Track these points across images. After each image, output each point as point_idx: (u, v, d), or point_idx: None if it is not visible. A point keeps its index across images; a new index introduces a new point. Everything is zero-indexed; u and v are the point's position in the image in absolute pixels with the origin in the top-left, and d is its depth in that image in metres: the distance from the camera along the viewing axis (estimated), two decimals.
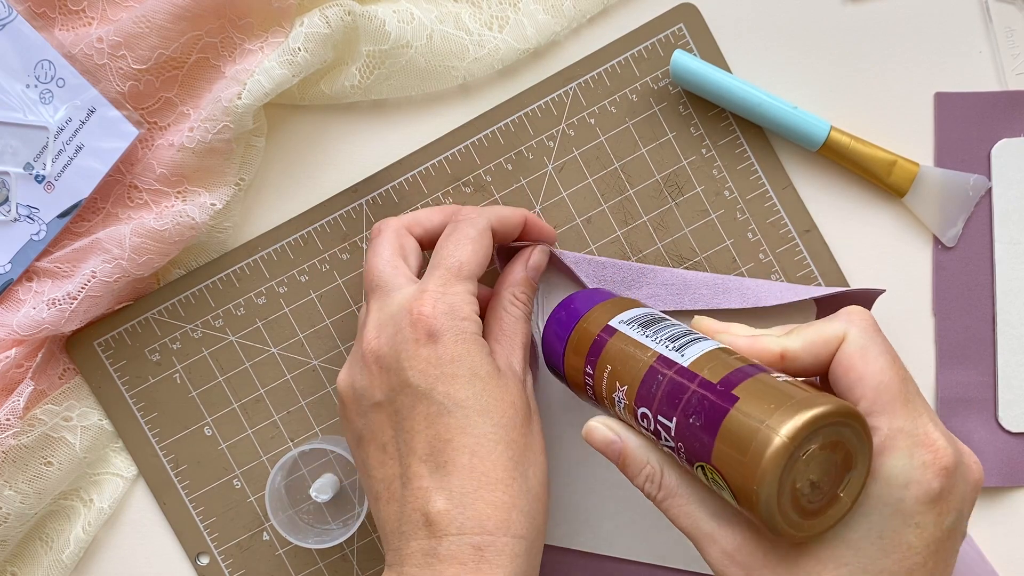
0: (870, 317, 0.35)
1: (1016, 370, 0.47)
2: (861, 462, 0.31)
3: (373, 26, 0.45)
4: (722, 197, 0.48)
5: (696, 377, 0.34)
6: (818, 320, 0.36)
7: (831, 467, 0.31)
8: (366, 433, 0.39)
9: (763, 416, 0.31)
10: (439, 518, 0.36)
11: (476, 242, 0.40)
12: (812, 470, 0.31)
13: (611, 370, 0.37)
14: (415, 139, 0.48)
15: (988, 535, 0.48)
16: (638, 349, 0.37)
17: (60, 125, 0.44)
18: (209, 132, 0.44)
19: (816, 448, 0.31)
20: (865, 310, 0.35)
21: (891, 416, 0.32)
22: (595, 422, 0.37)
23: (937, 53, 0.48)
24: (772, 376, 0.33)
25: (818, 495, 0.31)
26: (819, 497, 0.31)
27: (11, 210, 0.45)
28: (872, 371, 0.33)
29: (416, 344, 0.37)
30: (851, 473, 0.31)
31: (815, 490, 0.31)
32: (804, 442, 0.30)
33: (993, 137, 0.48)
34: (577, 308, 0.41)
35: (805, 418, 0.30)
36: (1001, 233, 0.47)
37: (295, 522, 0.46)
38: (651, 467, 0.36)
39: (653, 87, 0.47)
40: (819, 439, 0.30)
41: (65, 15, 0.45)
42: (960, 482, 0.32)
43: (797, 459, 0.30)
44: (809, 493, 0.31)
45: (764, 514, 0.31)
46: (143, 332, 0.47)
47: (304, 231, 0.48)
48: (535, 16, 0.47)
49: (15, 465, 0.45)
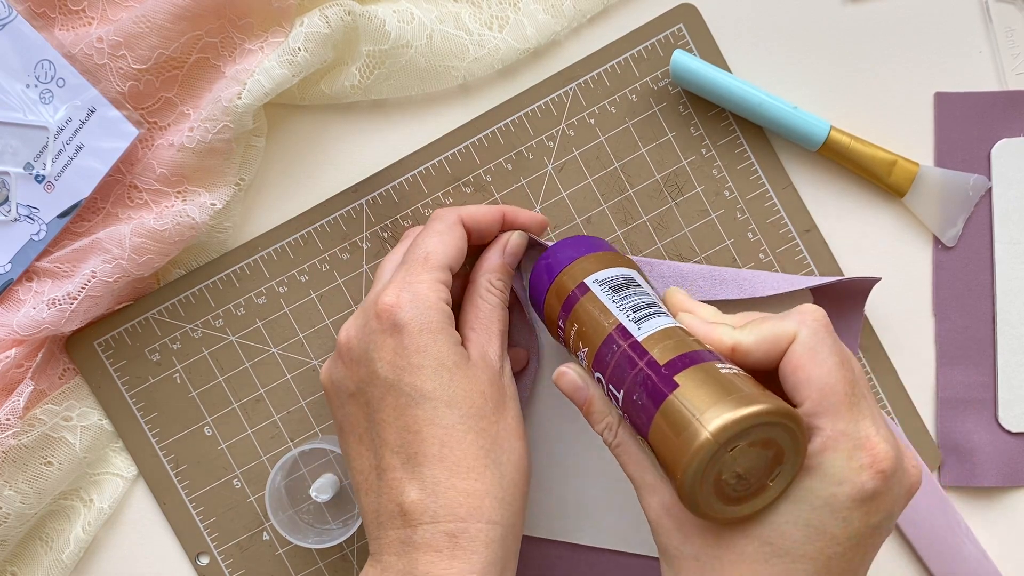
0: (823, 317, 0.35)
1: (1016, 370, 0.47)
2: (792, 459, 0.32)
3: (373, 26, 0.45)
4: (722, 197, 0.48)
5: (646, 355, 0.35)
6: (772, 316, 0.36)
7: (760, 462, 0.32)
8: (345, 424, 0.40)
9: (698, 408, 0.31)
10: (412, 508, 0.37)
11: (443, 234, 0.41)
12: (739, 464, 0.32)
13: (577, 329, 0.39)
14: (415, 139, 0.48)
15: (988, 535, 0.48)
16: (602, 314, 0.38)
17: (60, 125, 0.44)
18: (209, 132, 0.44)
19: (745, 444, 0.31)
20: (819, 309, 0.35)
21: (834, 418, 0.33)
22: (566, 367, 0.39)
23: (937, 53, 0.48)
24: (718, 367, 0.33)
25: (744, 485, 0.32)
26: (745, 487, 0.32)
27: (11, 210, 0.45)
28: (819, 373, 0.33)
29: (382, 335, 0.38)
30: (782, 467, 0.32)
31: (741, 481, 0.32)
32: (732, 439, 0.31)
33: (993, 137, 0.48)
34: (564, 256, 0.41)
35: (735, 417, 0.31)
36: (1001, 233, 0.47)
37: (295, 522, 0.46)
38: (611, 418, 0.38)
39: (653, 87, 0.47)
40: (749, 437, 0.31)
41: (65, 15, 0.45)
42: (896, 485, 0.33)
43: (723, 455, 0.31)
44: (735, 484, 0.32)
45: (686, 498, 0.32)
46: (143, 332, 0.47)
47: (304, 231, 0.48)
48: (535, 16, 0.47)
49: (15, 465, 0.45)
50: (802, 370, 0.33)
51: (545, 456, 0.47)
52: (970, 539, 0.47)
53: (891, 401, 0.47)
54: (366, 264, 0.48)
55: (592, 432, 0.43)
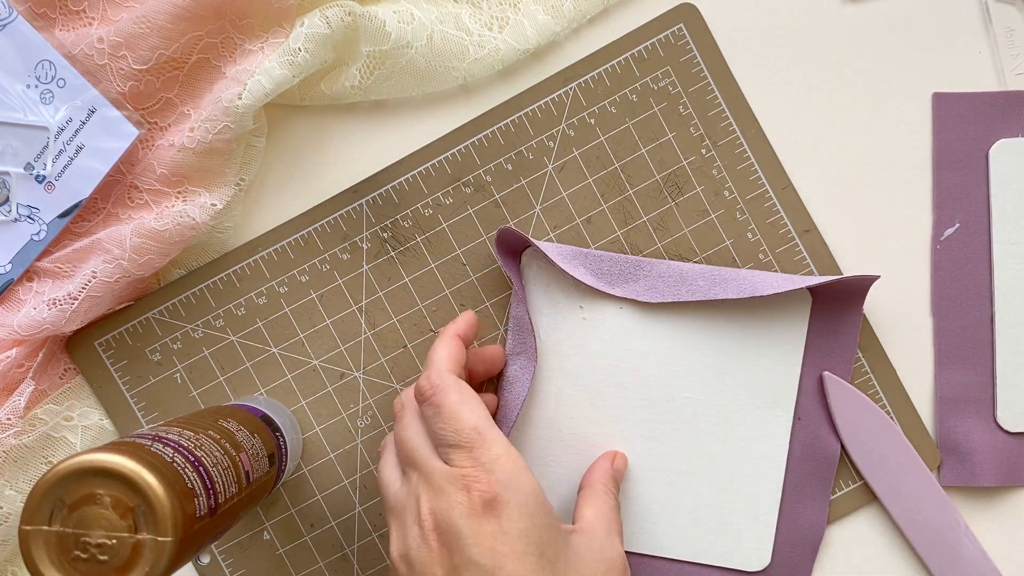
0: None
1: (1015, 370, 0.47)
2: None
3: (373, 26, 0.45)
4: (722, 197, 0.48)
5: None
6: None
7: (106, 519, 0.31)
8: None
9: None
10: None
11: (474, 399, 0.38)
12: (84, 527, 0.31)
13: None
14: (415, 139, 0.48)
15: (988, 535, 0.48)
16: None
17: (61, 125, 0.44)
18: (209, 132, 0.44)
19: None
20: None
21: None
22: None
23: (937, 53, 0.48)
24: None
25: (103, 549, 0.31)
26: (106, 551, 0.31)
27: (12, 210, 0.45)
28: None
29: (474, 516, 0.35)
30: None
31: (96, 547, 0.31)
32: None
33: (991, 137, 0.48)
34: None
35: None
36: (999, 233, 0.47)
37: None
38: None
39: (653, 87, 0.47)
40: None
41: (65, 15, 0.45)
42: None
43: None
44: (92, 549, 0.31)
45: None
46: (144, 332, 0.47)
47: (304, 231, 0.48)
48: (535, 17, 0.47)
49: (16, 465, 0.45)
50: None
51: (542, 457, 0.47)
52: (970, 539, 0.47)
53: (890, 401, 0.48)
54: (366, 264, 0.48)
55: (592, 432, 0.43)
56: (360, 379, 0.48)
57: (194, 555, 0.33)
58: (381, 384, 0.48)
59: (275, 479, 0.43)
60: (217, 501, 0.34)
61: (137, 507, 0.30)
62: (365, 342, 0.48)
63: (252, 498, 0.39)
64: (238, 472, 0.37)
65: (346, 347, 0.48)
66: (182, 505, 0.31)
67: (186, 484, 0.32)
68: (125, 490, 0.30)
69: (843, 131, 0.48)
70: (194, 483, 0.33)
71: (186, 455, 0.33)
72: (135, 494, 0.30)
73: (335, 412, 0.48)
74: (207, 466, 0.34)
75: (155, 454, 0.32)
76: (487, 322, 0.48)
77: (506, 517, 0.34)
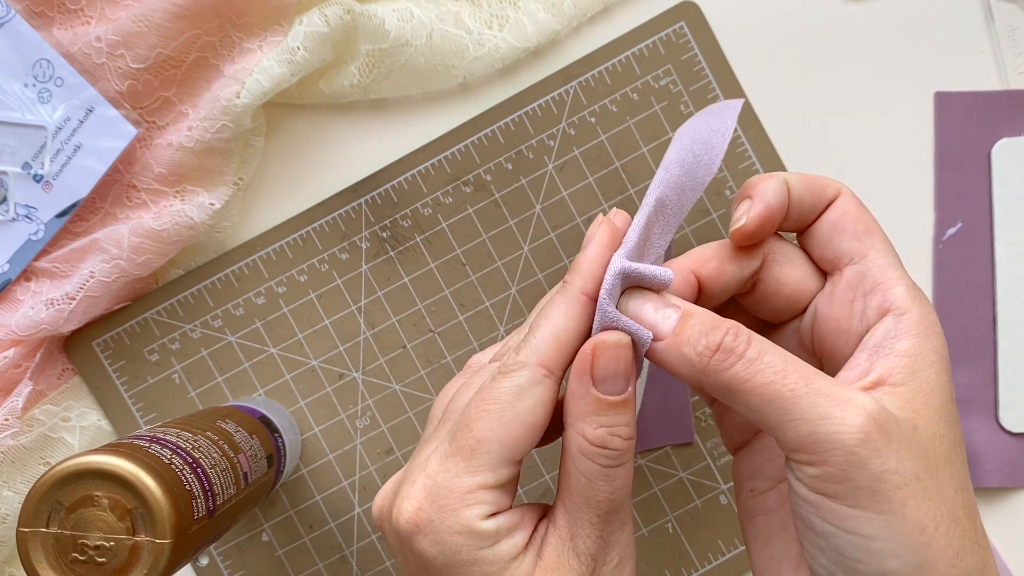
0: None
1: (1016, 371, 0.47)
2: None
3: (372, 25, 0.44)
4: (722, 197, 0.47)
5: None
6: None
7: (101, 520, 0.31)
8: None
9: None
10: None
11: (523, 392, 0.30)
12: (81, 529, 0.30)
13: None
14: (415, 138, 0.48)
15: (990, 535, 0.48)
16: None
17: (58, 124, 0.44)
18: (208, 131, 0.44)
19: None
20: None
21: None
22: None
23: (939, 52, 0.48)
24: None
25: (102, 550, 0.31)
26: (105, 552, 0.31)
27: (9, 210, 0.44)
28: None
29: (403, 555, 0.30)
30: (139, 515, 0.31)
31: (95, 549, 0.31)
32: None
33: (994, 137, 0.48)
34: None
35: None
36: (1001, 233, 0.47)
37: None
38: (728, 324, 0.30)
39: (654, 85, 0.47)
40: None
41: (63, 14, 0.45)
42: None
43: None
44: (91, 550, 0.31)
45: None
46: (142, 332, 0.47)
47: (303, 231, 0.47)
48: (535, 15, 0.46)
49: (14, 465, 0.44)
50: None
51: None
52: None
53: None
54: (365, 264, 0.48)
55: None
56: (359, 379, 0.48)
57: (192, 557, 0.33)
58: (380, 384, 0.48)
59: (274, 480, 0.43)
60: (215, 503, 0.34)
61: (135, 509, 0.30)
62: (364, 342, 0.47)
63: (251, 499, 0.39)
64: (236, 473, 0.37)
65: (345, 347, 0.47)
66: (180, 507, 0.31)
67: (184, 486, 0.32)
68: (123, 492, 0.30)
69: (844, 130, 0.48)
70: (192, 485, 0.32)
71: (184, 456, 0.33)
72: (133, 496, 0.30)
73: (334, 413, 0.48)
74: (205, 468, 0.34)
75: (153, 456, 0.32)
76: (487, 322, 0.48)
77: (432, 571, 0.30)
